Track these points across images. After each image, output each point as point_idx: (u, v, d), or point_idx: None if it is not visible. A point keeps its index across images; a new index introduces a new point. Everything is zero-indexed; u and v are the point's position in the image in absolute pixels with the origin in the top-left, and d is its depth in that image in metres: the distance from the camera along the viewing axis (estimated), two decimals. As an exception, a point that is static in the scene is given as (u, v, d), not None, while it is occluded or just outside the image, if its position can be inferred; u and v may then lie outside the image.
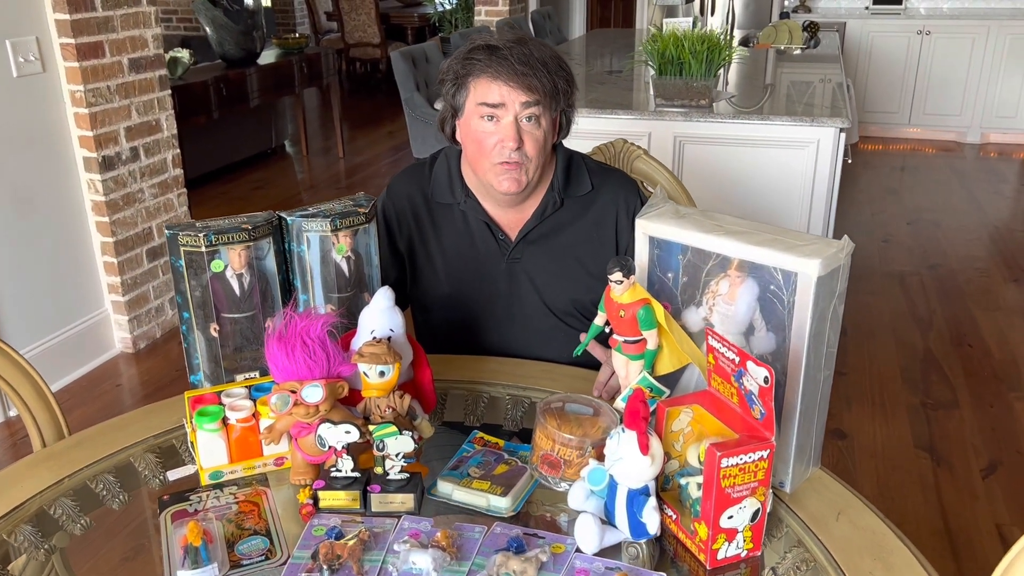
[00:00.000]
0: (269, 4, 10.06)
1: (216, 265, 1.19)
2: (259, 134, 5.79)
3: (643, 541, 1.05)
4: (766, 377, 0.96)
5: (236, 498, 1.15)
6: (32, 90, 2.76)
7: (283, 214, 1.24)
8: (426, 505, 1.13)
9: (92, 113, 2.86)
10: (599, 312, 1.20)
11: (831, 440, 2.58)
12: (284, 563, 1.02)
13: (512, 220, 1.53)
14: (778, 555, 1.05)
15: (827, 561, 1.01)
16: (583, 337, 1.27)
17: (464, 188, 1.53)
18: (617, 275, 1.12)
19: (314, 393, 1.10)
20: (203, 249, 1.17)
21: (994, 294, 3.64)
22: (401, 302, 1.65)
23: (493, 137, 1.40)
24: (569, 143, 1.76)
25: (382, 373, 1.11)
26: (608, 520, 1.06)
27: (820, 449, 1.17)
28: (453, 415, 1.39)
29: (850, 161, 3.24)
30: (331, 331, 1.14)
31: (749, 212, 2.88)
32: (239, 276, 1.22)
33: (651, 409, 1.09)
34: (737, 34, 5.13)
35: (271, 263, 1.25)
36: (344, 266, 1.28)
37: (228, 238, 1.18)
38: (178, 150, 3.29)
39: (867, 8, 6.56)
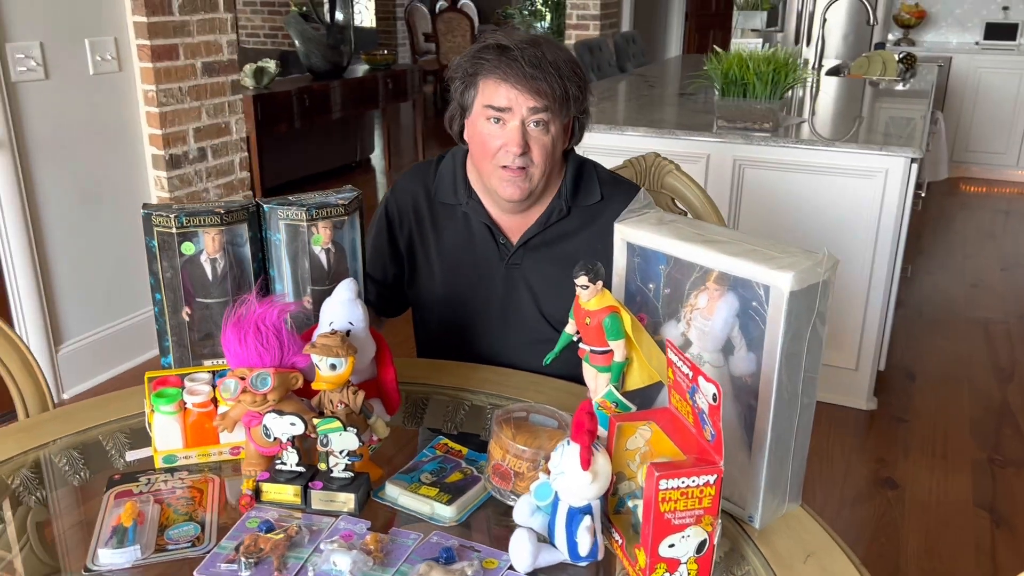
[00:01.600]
0: (373, 25, 10.38)
1: (187, 247, 1.18)
2: (343, 147, 5.92)
3: (583, 565, 0.97)
4: (714, 394, 0.88)
5: (184, 483, 1.13)
6: (107, 88, 2.88)
7: (261, 201, 1.23)
8: (373, 508, 1.09)
9: (162, 112, 2.97)
10: (570, 320, 1.14)
11: (881, 490, 2.40)
12: (209, 552, 0.99)
13: (515, 225, 1.48)
14: (732, 595, 0.95)
15: (782, 606, 0.92)
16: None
17: (468, 189, 1.49)
18: (583, 279, 1.06)
19: (263, 381, 1.07)
20: (174, 230, 1.17)
21: (1089, 349, 3.35)
22: (401, 303, 1.63)
23: (498, 140, 1.36)
24: (612, 160, 1.70)
25: (333, 366, 1.08)
26: (549, 539, 0.99)
27: (800, 485, 1.07)
28: (433, 421, 1.35)
29: (923, 195, 3.04)
30: (289, 320, 1.11)
31: (810, 242, 2.73)
32: (213, 261, 1.21)
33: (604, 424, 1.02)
34: (829, 63, 4.94)
35: (249, 251, 1.23)
36: (323, 258, 1.25)
37: (200, 220, 1.18)
38: (246, 153, 3.38)
39: (977, 43, 6.23)
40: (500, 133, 1.37)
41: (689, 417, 0.96)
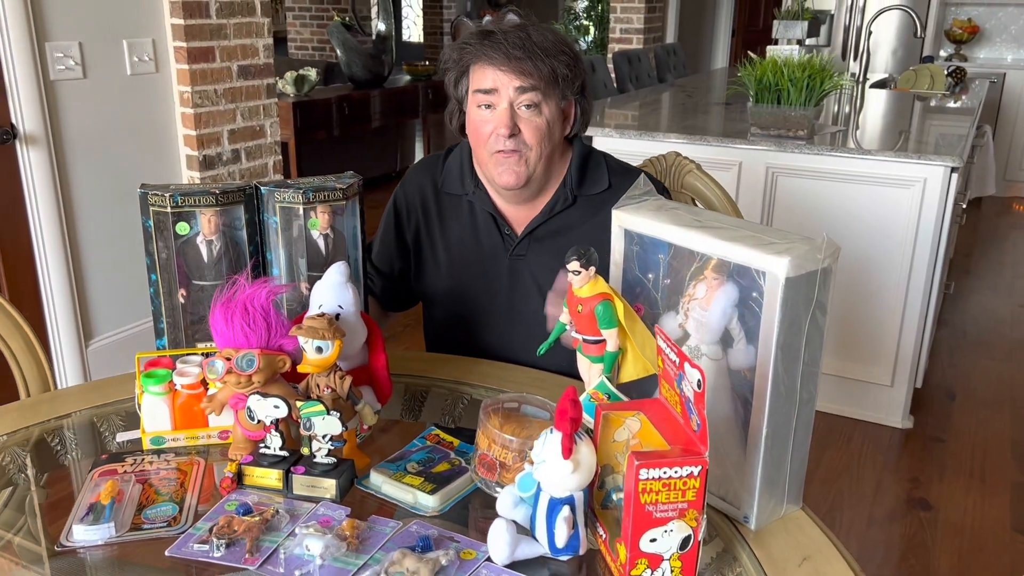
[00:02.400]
0: (421, 40, 10.48)
1: (181, 227, 1.17)
2: (383, 156, 5.96)
3: (563, 559, 0.93)
4: (699, 380, 0.83)
5: (171, 465, 1.11)
6: (143, 88, 2.93)
7: (259, 183, 1.22)
8: (357, 496, 1.06)
9: (197, 114, 3.01)
10: (563, 308, 1.10)
11: (913, 510, 2.31)
12: (183, 532, 0.97)
13: (520, 215, 1.45)
14: (721, 596, 0.91)
15: (772, 610, 0.87)
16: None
17: (474, 179, 1.47)
18: (575, 264, 1.03)
19: (248, 362, 1.06)
20: (168, 210, 1.16)
21: None
22: (408, 297, 1.61)
23: (488, 125, 1.34)
24: (638, 163, 1.65)
25: (320, 349, 1.05)
26: (530, 532, 0.95)
27: (801, 486, 1.02)
28: (431, 415, 1.32)
29: (964, 206, 2.94)
30: (277, 301, 1.09)
31: (846, 253, 2.65)
32: (209, 243, 1.20)
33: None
34: (875, 76, 4.84)
35: (246, 233, 1.22)
36: (320, 244, 1.24)
37: (195, 201, 1.17)
38: (280, 157, 3.41)
39: (1032, 59, 6.05)
40: (490, 117, 1.35)
41: (677, 407, 0.92)
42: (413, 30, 10.67)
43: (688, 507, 0.86)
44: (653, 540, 0.86)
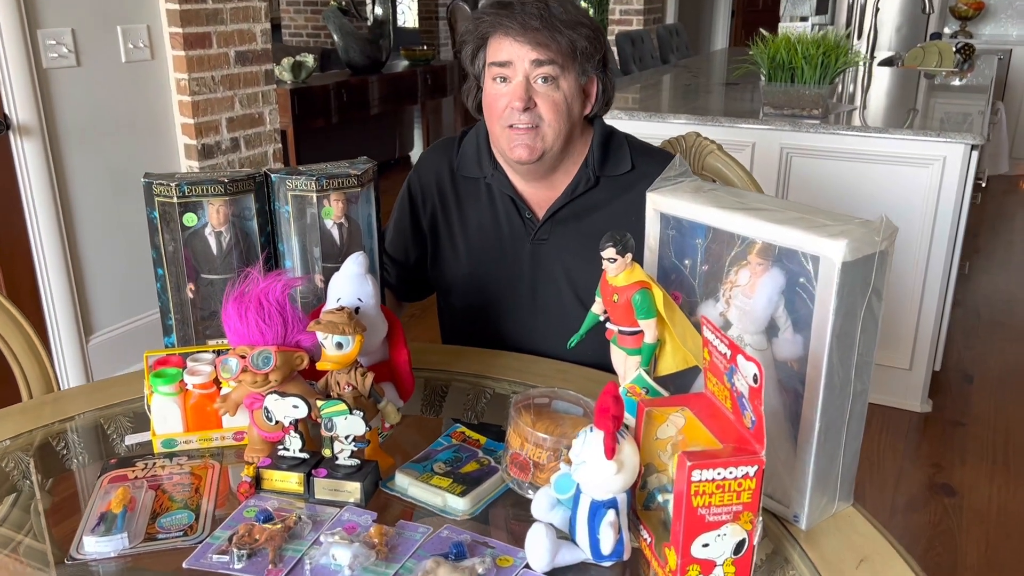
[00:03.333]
0: (416, 25, 10.36)
1: (189, 219, 1.11)
2: (382, 143, 5.88)
3: (607, 564, 0.87)
4: (755, 375, 0.77)
5: (184, 469, 1.06)
6: (139, 76, 2.85)
7: (270, 170, 1.15)
8: (382, 499, 1.00)
9: (195, 101, 2.94)
10: (596, 298, 1.04)
11: (936, 496, 2.26)
12: (201, 542, 0.91)
13: (541, 197, 1.39)
14: (775, 602, 0.85)
15: (832, 616, 0.81)
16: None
17: (492, 160, 1.40)
18: (610, 251, 0.96)
19: (265, 360, 1.00)
20: (175, 200, 1.10)
21: None
22: (424, 286, 1.54)
23: (503, 99, 1.28)
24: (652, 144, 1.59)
25: (340, 344, 0.99)
26: (571, 536, 0.90)
27: (852, 481, 0.96)
28: (453, 410, 1.26)
29: (984, 184, 2.88)
30: (294, 295, 1.03)
31: (862, 235, 2.60)
32: (218, 234, 1.14)
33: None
34: (881, 55, 4.76)
35: (257, 224, 1.16)
36: (335, 233, 1.18)
37: (202, 190, 1.11)
38: (280, 145, 3.34)
39: (1038, 35, 5.98)
40: (505, 91, 1.29)
41: (727, 402, 0.86)
42: (408, 15, 10.55)
43: (743, 509, 0.80)
44: (706, 545, 0.81)
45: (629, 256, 0.97)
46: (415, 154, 6.48)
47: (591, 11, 7.41)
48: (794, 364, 0.93)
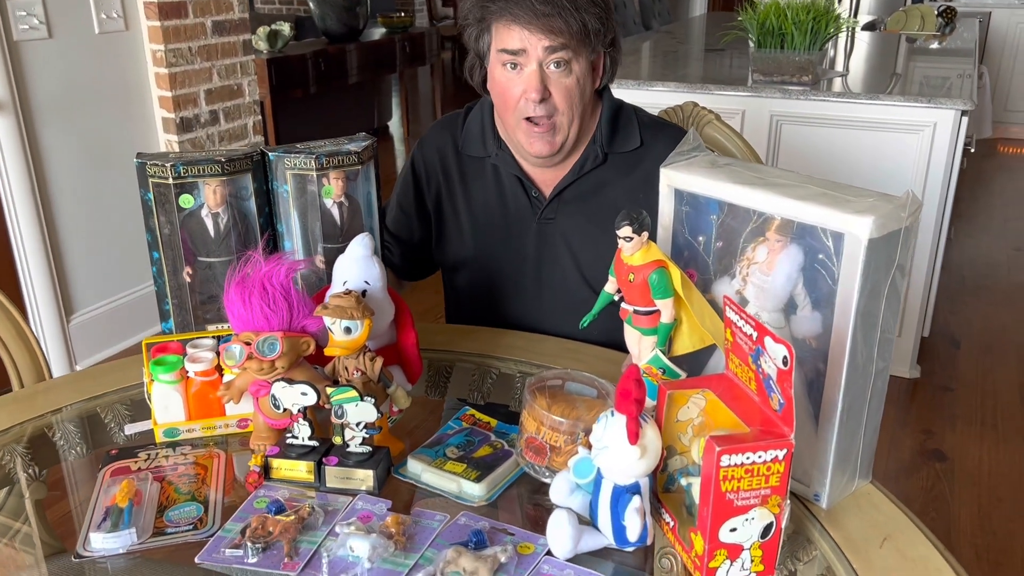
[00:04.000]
0: (390, -10, 10.17)
1: (185, 200, 1.07)
2: (361, 113, 5.79)
3: (630, 550, 0.86)
4: (785, 357, 0.76)
5: (188, 459, 1.03)
6: (113, 48, 2.77)
7: (266, 149, 1.11)
8: (394, 486, 0.98)
9: (172, 73, 2.86)
10: (610, 277, 1.02)
11: (928, 462, 2.28)
12: (212, 535, 0.89)
13: (548, 176, 1.36)
14: (800, 584, 0.84)
15: (859, 597, 0.80)
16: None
17: (497, 139, 1.37)
18: (626, 230, 0.94)
19: (271, 347, 0.97)
20: (170, 181, 1.06)
21: None
22: (428, 265, 1.51)
23: (517, 88, 1.24)
24: None
25: (348, 329, 0.97)
26: (592, 521, 0.88)
27: (871, 458, 0.95)
28: (458, 390, 1.24)
29: (973, 150, 2.88)
30: (298, 279, 1.00)
31: (851, 203, 2.59)
32: (215, 216, 1.10)
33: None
34: (864, 19, 4.74)
35: (254, 204, 1.12)
36: (335, 212, 1.14)
37: (199, 170, 1.06)
38: (259, 116, 3.27)
39: (1017, -2, 5.97)
40: (518, 79, 1.25)
41: (751, 384, 0.84)
42: (382, -19, 10.35)
43: (771, 493, 0.79)
44: (733, 530, 0.79)
45: (645, 235, 0.94)
46: (394, 125, 6.40)
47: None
48: (812, 341, 0.92)
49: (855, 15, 4.36)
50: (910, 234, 0.86)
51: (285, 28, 4.46)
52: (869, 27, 4.50)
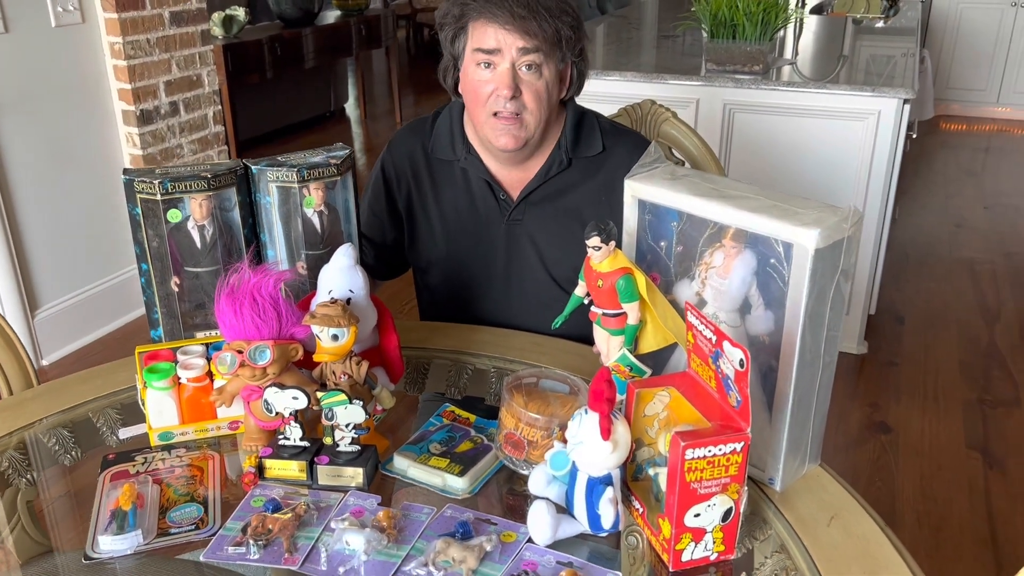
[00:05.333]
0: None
1: (173, 215, 1.12)
2: (317, 96, 5.77)
3: (604, 535, 0.94)
4: (741, 360, 0.84)
5: (184, 461, 1.08)
6: (71, 41, 2.75)
7: (249, 162, 1.16)
8: (381, 481, 1.05)
9: (131, 66, 2.85)
10: (579, 281, 1.09)
11: (874, 434, 2.42)
12: (214, 534, 0.95)
13: (515, 179, 1.43)
14: (756, 561, 0.93)
15: (809, 570, 0.90)
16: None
17: (465, 144, 1.43)
18: (595, 240, 1.01)
19: (262, 354, 1.02)
20: (159, 197, 1.10)
21: (1074, 286, 3.37)
22: (400, 265, 1.57)
23: (488, 86, 1.30)
24: (602, 107, 1.64)
25: (335, 337, 1.03)
26: (568, 510, 0.96)
27: (820, 444, 1.05)
28: (435, 385, 1.31)
29: (914, 136, 3.01)
30: (286, 289, 1.06)
31: (802, 186, 2.70)
32: (201, 228, 1.15)
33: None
34: (811, 1, 4.85)
35: (238, 215, 1.17)
36: (316, 221, 1.20)
37: (186, 186, 1.11)
38: (220, 106, 3.27)
39: (958, -22, 6.15)
40: (490, 77, 1.31)
41: (711, 382, 0.92)
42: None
43: (731, 481, 0.87)
44: (697, 515, 0.88)
45: (612, 244, 1.02)
46: (350, 107, 6.38)
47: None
48: (765, 338, 1.00)
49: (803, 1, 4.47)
50: (852, 243, 0.94)
51: (240, 13, 4.43)
52: (817, 10, 4.61)
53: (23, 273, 2.71)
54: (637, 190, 1.09)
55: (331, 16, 5.44)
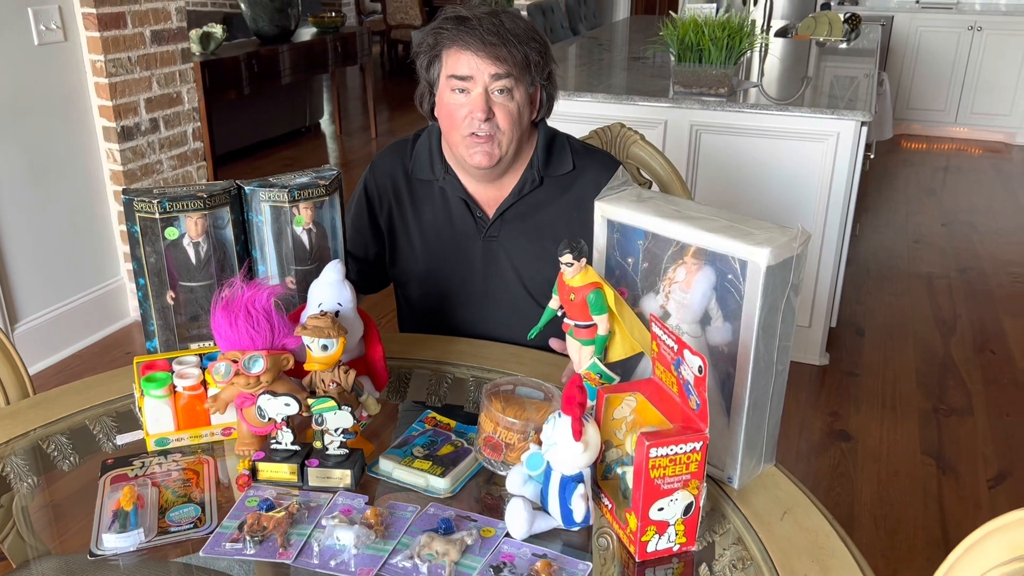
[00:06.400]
0: (317, -16, 10.13)
1: (170, 232, 1.18)
2: (293, 112, 5.83)
3: (576, 530, 1.02)
4: (700, 366, 0.92)
5: (179, 465, 1.15)
6: (53, 59, 2.80)
7: (241, 183, 1.23)
8: (367, 482, 1.12)
9: (112, 83, 2.90)
10: (553, 295, 1.18)
11: (835, 442, 2.52)
12: (212, 532, 1.01)
13: (491, 197, 1.51)
14: (716, 552, 1.01)
15: (763, 560, 0.98)
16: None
17: (444, 164, 1.51)
18: (567, 257, 1.10)
19: (255, 363, 1.09)
20: (157, 216, 1.17)
21: (1026, 300, 3.52)
22: (383, 279, 1.65)
23: (463, 109, 1.38)
24: (574, 127, 1.73)
25: (325, 347, 1.10)
26: (543, 506, 1.04)
27: (774, 445, 1.13)
28: (416, 394, 1.38)
29: (872, 156, 3.14)
30: (278, 302, 1.13)
31: (765, 206, 2.82)
32: (196, 244, 1.21)
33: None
34: (776, 24, 5.01)
35: (231, 233, 1.24)
36: (304, 238, 1.27)
37: (183, 205, 1.18)
38: (199, 123, 3.32)
39: (917, 2, 6.36)
40: (465, 101, 1.39)
41: (674, 387, 1.01)
42: (307, -26, 10.30)
43: (691, 478, 0.96)
44: (661, 509, 0.96)
45: (584, 260, 1.10)
46: (325, 122, 6.44)
47: (496, -25, 7.43)
48: (724, 348, 1.09)
49: (769, 21, 4.61)
50: (801, 260, 1.03)
51: (217, 30, 4.49)
52: (782, 33, 4.77)
53: (3, 286, 2.74)
54: (606, 211, 1.17)
55: (307, 33, 5.51)
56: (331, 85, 6.19)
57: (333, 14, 5.93)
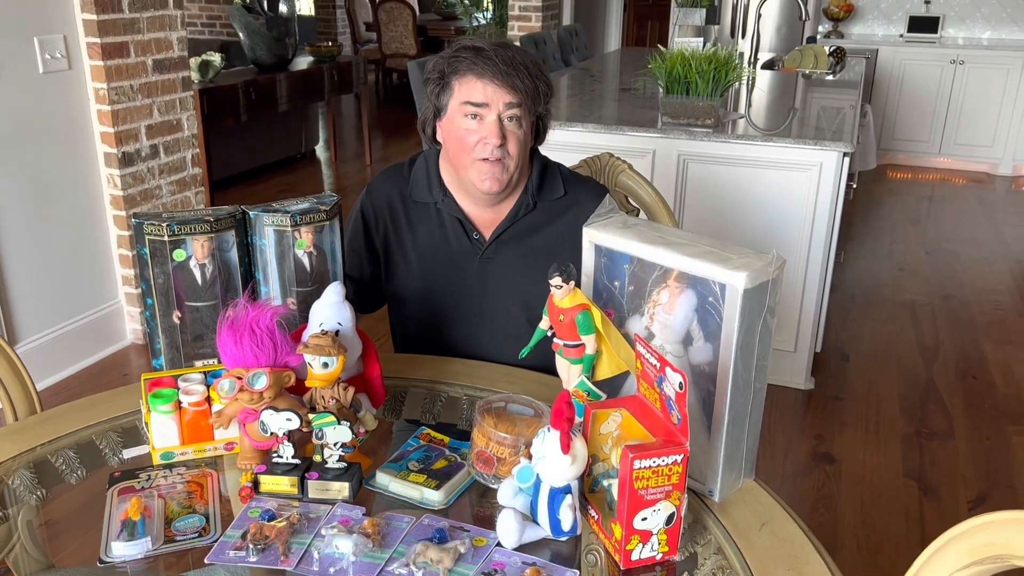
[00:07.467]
0: (312, 13, 10.28)
1: (178, 254, 1.24)
2: (289, 139, 5.91)
3: (564, 539, 1.07)
4: (680, 383, 0.98)
5: (183, 478, 1.19)
6: (57, 86, 2.86)
7: (246, 208, 1.29)
8: (364, 495, 1.17)
9: (114, 110, 2.96)
10: (543, 316, 1.23)
11: (819, 464, 2.57)
12: (216, 540, 1.06)
13: (487, 220, 1.57)
14: (698, 561, 1.06)
15: (742, 569, 1.03)
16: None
17: (441, 187, 1.57)
18: (557, 280, 1.16)
19: (259, 380, 1.14)
20: (166, 238, 1.23)
21: (1007, 327, 3.59)
22: (378, 299, 1.71)
23: (476, 135, 1.45)
24: (564, 155, 1.80)
25: (326, 364, 1.15)
26: (532, 517, 1.09)
27: (754, 461, 1.19)
28: (411, 413, 1.43)
29: (855, 186, 3.22)
30: (281, 322, 1.18)
31: (750, 233, 2.89)
32: (202, 266, 1.27)
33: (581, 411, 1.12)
34: (764, 56, 5.12)
35: (235, 255, 1.30)
36: (306, 261, 1.33)
37: (191, 228, 1.24)
38: (198, 149, 3.39)
39: (901, 36, 6.51)
40: (478, 128, 1.46)
41: (656, 403, 1.06)
42: (304, 2, 10.45)
43: (673, 489, 1.01)
44: (644, 519, 1.01)
45: (572, 283, 1.16)
46: (320, 149, 6.52)
47: (490, 6, 7.57)
48: (705, 367, 1.15)
49: (756, 54, 4.72)
50: (777, 284, 1.09)
51: (216, 59, 4.57)
52: (769, 65, 4.88)
53: (4, 306, 2.79)
54: (594, 237, 1.23)
55: (304, 62, 5.61)
56: (327, 112, 6.28)
57: (330, 43, 6.03)
